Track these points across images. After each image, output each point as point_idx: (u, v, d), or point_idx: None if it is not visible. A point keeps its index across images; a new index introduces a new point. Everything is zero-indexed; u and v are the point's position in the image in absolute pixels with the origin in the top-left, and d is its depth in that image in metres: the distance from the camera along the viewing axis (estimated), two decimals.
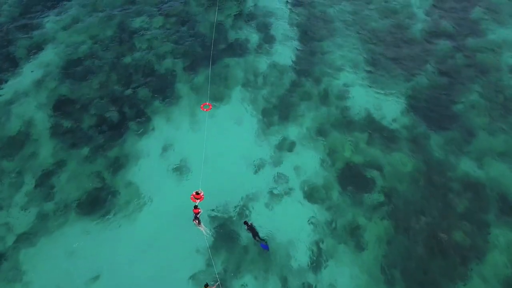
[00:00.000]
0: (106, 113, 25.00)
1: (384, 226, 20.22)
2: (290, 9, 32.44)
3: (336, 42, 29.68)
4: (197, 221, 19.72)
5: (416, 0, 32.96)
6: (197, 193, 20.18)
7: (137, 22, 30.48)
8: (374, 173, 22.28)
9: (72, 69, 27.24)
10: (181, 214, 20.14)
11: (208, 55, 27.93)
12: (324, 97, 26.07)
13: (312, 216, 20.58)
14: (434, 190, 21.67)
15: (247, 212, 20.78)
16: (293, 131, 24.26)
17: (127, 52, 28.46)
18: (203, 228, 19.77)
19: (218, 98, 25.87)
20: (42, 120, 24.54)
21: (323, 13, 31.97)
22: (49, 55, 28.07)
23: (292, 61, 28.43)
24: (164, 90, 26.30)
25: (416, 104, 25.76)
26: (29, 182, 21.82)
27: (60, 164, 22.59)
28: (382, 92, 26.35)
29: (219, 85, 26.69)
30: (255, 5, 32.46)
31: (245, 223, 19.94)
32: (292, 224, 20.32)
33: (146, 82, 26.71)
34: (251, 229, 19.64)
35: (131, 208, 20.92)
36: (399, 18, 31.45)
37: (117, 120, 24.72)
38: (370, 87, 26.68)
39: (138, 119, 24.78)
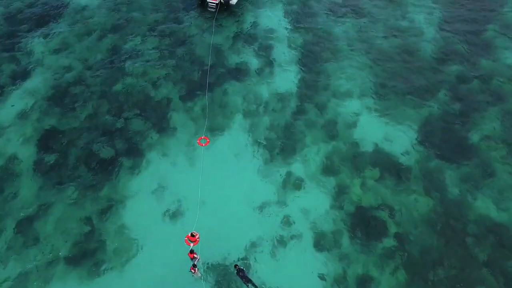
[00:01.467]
0: (95, 147, 23.03)
1: (399, 279, 18.45)
2: (291, 29, 30.62)
3: (341, 66, 27.95)
4: (194, 269, 17.91)
5: (425, 20, 31.27)
6: (192, 235, 18.40)
7: (129, 45, 28.53)
8: (386, 216, 20.55)
9: (59, 97, 25.21)
10: (177, 269, 18.28)
11: (205, 81, 26.13)
12: (331, 128, 24.31)
13: (320, 267, 18.75)
14: (452, 235, 19.96)
15: (248, 261, 18.94)
16: (298, 167, 22.47)
17: (118, 78, 26.49)
18: (199, 275, 18.00)
19: (216, 129, 24.05)
20: (24, 156, 22.45)
21: (327, 34, 30.20)
22: (35, 82, 26.01)
23: (295, 86, 26.65)
24: (159, 121, 24.38)
25: (429, 135, 24.09)
26: (9, 229, 19.84)
27: (44, 207, 20.62)
28: (392, 121, 24.63)
29: (217, 114, 24.85)
30: (255, 25, 30.63)
31: (236, 266, 18.24)
32: (298, 276, 18.50)
33: (139, 112, 24.78)
34: (241, 275, 17.89)
35: (122, 259, 18.99)
36: (407, 39, 29.74)
37: (107, 156, 22.78)
38: (379, 116, 24.96)
39: (131, 154, 22.85)
